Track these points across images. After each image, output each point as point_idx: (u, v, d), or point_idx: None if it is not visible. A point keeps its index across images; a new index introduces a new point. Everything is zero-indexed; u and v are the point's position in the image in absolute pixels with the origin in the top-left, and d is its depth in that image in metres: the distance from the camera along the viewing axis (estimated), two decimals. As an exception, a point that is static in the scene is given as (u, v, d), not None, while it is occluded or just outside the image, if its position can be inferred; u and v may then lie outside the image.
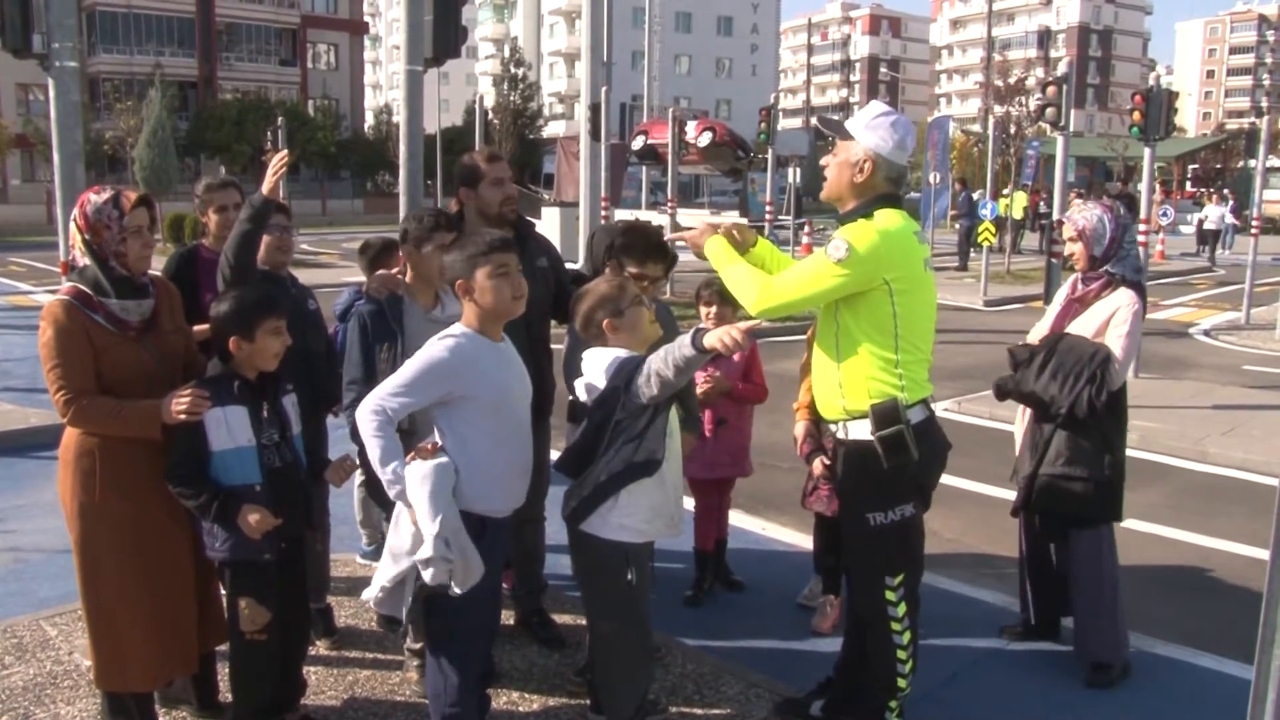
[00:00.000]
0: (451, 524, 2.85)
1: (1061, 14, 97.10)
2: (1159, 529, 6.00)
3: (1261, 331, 13.74)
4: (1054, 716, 3.84)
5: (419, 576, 2.93)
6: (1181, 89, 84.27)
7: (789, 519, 5.87)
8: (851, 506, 3.31)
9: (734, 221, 3.51)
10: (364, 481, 4.85)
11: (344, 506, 5.17)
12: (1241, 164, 46.15)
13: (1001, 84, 28.15)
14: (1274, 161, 29.24)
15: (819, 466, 4.23)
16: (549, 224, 18.47)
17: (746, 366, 4.61)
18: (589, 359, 3.13)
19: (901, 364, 3.10)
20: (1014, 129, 24.78)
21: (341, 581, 4.68)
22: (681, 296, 11.20)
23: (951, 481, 5.30)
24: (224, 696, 3.46)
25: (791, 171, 25.40)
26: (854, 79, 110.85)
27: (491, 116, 39.82)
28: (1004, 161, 24.35)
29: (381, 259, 4.71)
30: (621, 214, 18.21)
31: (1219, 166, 49.71)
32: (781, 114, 22.57)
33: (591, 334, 3.17)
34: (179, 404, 2.95)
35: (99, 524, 3.03)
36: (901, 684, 3.27)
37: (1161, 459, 7.49)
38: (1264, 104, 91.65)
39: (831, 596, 4.51)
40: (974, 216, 20.34)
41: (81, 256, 3.05)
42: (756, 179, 29.69)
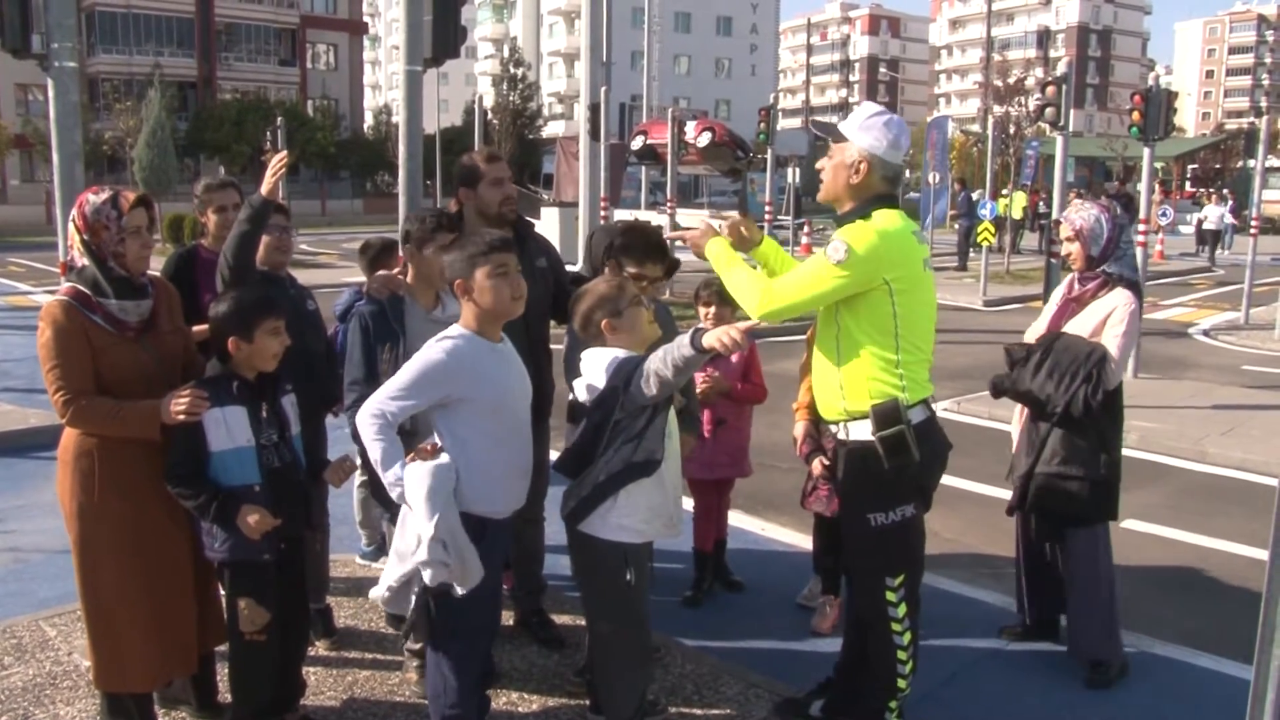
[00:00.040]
0: (449, 526, 2.85)
1: (1061, 14, 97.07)
2: (1158, 529, 6.01)
3: (1261, 331, 13.75)
4: (1053, 717, 3.84)
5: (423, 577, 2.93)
6: (1181, 89, 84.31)
7: (788, 519, 5.87)
8: (852, 507, 3.31)
9: (739, 218, 3.50)
10: (364, 482, 4.85)
11: (343, 507, 5.17)
12: (1240, 164, 46.26)
13: (1001, 84, 28.15)
14: (1273, 161, 29.31)
15: (818, 467, 4.23)
16: (548, 224, 18.42)
17: (745, 367, 4.61)
18: (588, 359, 3.13)
19: (902, 364, 3.10)
20: (1013, 129, 24.77)
21: (341, 582, 4.68)
22: (680, 297, 11.18)
23: (951, 481, 5.29)
24: (223, 697, 3.46)
25: (791, 171, 25.42)
26: (853, 79, 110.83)
27: (491, 116, 39.80)
28: (1003, 161, 24.36)
29: (381, 259, 4.71)
30: (621, 214, 18.16)
31: (1218, 166, 49.78)
32: (781, 114, 22.60)
33: (590, 334, 3.17)
34: (178, 404, 2.95)
35: (98, 524, 3.03)
36: (901, 684, 3.27)
37: (1161, 459, 7.49)
38: (1263, 104, 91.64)
39: (831, 597, 4.52)
40: (973, 216, 20.35)
41: (80, 257, 3.04)
42: (756, 179, 29.65)
